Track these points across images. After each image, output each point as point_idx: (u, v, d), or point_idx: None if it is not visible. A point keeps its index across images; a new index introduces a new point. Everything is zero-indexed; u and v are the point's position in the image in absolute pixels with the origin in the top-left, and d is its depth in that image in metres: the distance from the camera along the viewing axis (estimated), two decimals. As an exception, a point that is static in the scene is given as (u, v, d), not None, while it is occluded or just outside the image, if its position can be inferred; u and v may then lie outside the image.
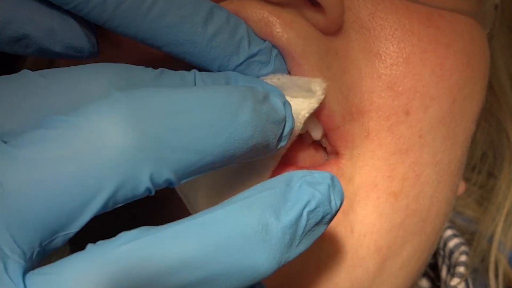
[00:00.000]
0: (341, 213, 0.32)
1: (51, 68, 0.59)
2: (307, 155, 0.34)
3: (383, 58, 0.33)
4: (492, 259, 0.46)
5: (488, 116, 0.50)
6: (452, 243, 0.46)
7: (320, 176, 0.24)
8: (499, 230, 0.47)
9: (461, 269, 0.43)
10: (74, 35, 0.27)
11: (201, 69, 0.28)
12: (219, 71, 0.28)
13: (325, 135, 0.33)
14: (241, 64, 0.28)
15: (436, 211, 0.35)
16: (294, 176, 0.24)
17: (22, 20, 0.26)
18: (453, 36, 0.34)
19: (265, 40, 0.30)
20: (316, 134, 0.32)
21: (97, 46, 0.28)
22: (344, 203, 0.32)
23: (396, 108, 0.33)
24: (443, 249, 0.46)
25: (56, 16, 0.26)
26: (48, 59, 0.54)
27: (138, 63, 0.32)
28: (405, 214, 0.33)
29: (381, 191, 0.33)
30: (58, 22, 0.26)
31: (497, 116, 0.50)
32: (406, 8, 0.33)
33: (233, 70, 0.28)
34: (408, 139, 0.33)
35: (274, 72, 0.29)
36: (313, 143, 0.34)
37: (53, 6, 0.26)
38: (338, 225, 0.32)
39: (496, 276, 0.46)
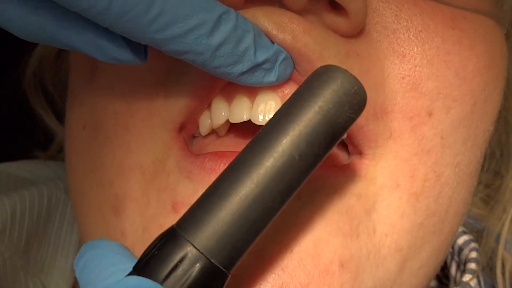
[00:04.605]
0: (364, 212, 0.32)
1: (58, 61, 0.58)
2: (330, 155, 0.34)
3: (407, 59, 0.33)
4: (499, 257, 0.46)
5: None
6: (461, 240, 0.46)
7: None
8: (505, 229, 0.47)
9: (472, 265, 0.42)
10: (120, 52, 0.28)
11: None
12: (221, 78, 0.29)
13: (348, 135, 0.33)
14: (245, 72, 0.28)
15: (454, 212, 0.35)
16: None
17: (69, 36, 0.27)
18: (476, 38, 0.34)
19: (273, 43, 0.30)
20: (342, 134, 0.32)
21: (144, 55, 0.29)
22: (367, 203, 0.32)
23: (419, 109, 0.33)
24: (452, 246, 0.46)
25: (103, 33, 0.27)
26: (54, 52, 0.54)
27: None
28: (426, 215, 0.33)
29: (403, 191, 0.33)
30: (106, 39, 0.27)
31: (505, 115, 0.50)
32: (430, 9, 0.33)
33: (237, 77, 0.29)
34: (430, 140, 0.33)
35: (278, 78, 0.30)
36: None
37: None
38: (361, 224, 0.32)
39: (503, 274, 0.46)
